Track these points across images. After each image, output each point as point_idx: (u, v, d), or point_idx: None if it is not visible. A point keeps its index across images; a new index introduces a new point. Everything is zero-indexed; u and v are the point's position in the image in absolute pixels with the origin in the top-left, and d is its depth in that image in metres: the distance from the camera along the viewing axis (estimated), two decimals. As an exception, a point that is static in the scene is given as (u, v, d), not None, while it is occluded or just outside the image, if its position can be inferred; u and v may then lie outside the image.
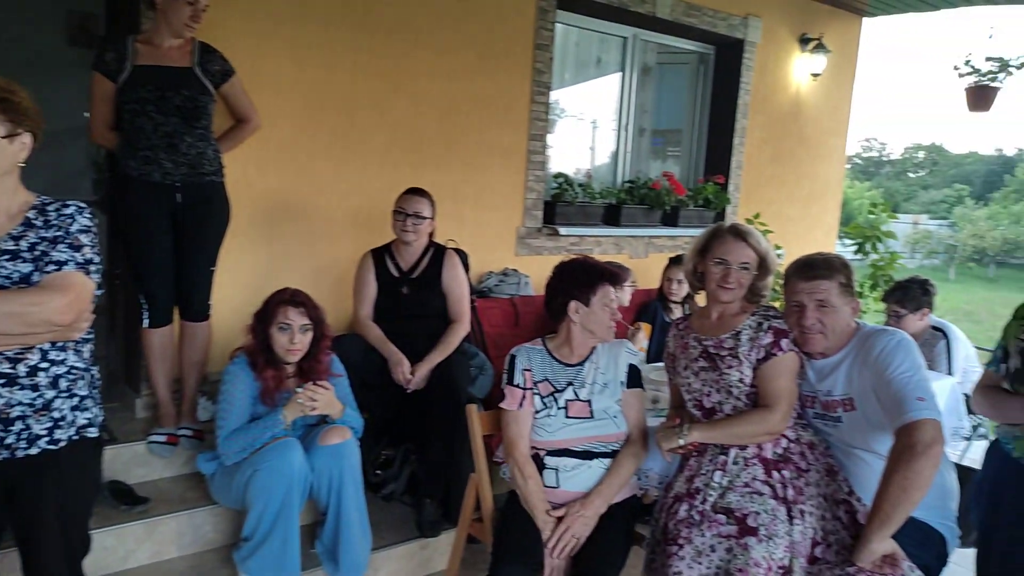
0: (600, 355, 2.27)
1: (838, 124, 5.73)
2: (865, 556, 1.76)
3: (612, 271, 2.28)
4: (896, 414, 1.82)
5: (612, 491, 2.16)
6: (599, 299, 2.20)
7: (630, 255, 4.59)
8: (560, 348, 2.29)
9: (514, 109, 3.99)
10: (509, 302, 3.75)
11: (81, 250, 1.59)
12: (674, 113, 5.31)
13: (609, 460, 2.20)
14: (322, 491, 2.38)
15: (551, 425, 2.19)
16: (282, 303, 2.41)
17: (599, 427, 2.19)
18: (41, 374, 1.57)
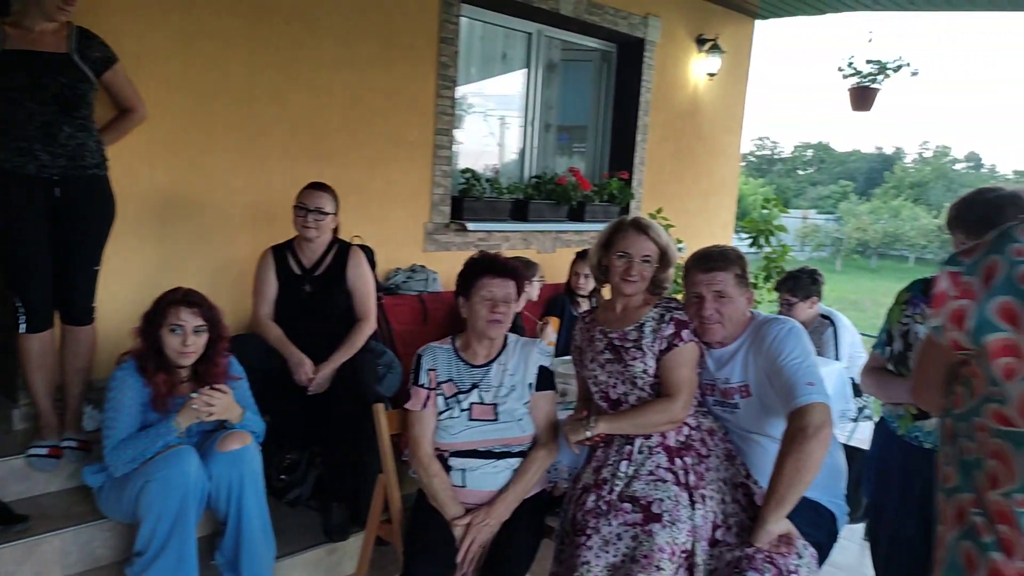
0: (509, 356, 2.25)
1: (733, 122, 5.97)
2: (762, 537, 1.83)
3: (494, 263, 2.22)
4: (788, 399, 1.91)
5: (517, 496, 2.15)
6: (477, 292, 2.18)
7: (538, 250, 4.63)
8: (466, 348, 2.27)
9: (420, 103, 3.94)
10: (417, 299, 3.71)
11: None
12: (579, 109, 5.39)
13: (517, 460, 2.20)
14: (221, 500, 2.28)
15: (453, 427, 2.17)
16: (173, 303, 2.28)
17: (502, 430, 2.18)
18: None
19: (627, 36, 5.00)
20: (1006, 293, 0.80)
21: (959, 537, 0.90)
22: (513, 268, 2.23)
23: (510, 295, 2.18)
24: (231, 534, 2.30)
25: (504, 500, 2.13)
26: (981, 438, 0.87)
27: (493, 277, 2.17)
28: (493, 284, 2.16)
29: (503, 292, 2.17)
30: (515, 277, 2.22)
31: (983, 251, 0.84)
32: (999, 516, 0.84)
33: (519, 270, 2.26)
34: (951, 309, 0.84)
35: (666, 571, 1.82)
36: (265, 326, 2.83)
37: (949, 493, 0.93)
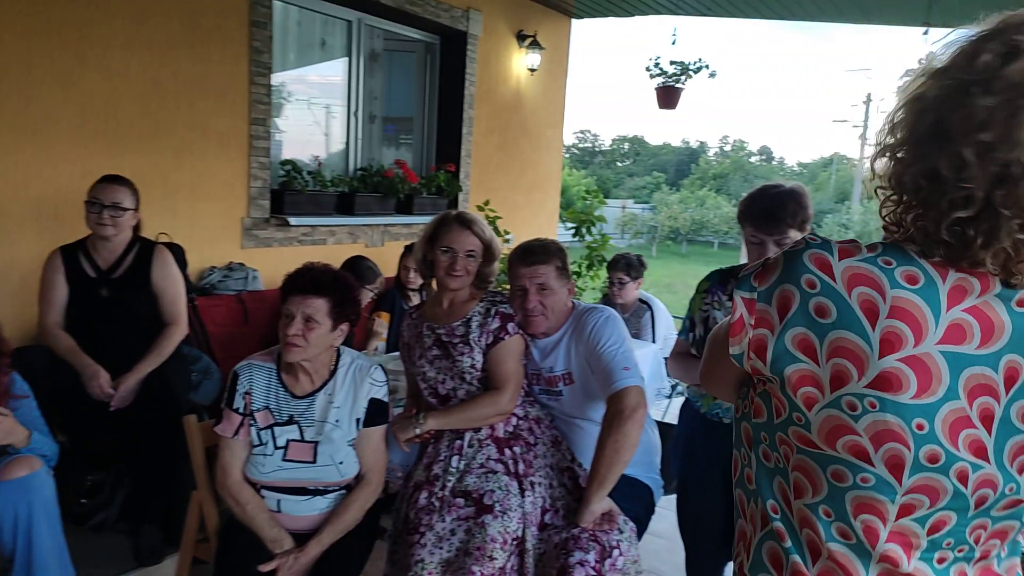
0: (339, 386, 2.00)
1: (554, 116, 6.18)
2: (587, 516, 1.91)
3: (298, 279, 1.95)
4: (606, 383, 2.01)
5: (334, 536, 1.96)
6: (285, 310, 1.93)
7: (366, 244, 4.53)
8: (288, 372, 1.99)
9: (231, 90, 3.70)
10: (236, 299, 3.50)
11: None
12: (404, 101, 5.33)
13: (337, 493, 2.02)
14: (6, 533, 2.01)
15: (264, 465, 1.94)
16: None
17: (319, 473, 1.96)
18: None
19: (450, 28, 5.00)
20: (801, 325, 0.81)
21: (763, 538, 0.92)
22: (324, 283, 1.94)
23: (312, 314, 1.89)
24: (20, 569, 2.03)
25: (319, 541, 1.93)
26: (785, 451, 0.88)
27: (296, 294, 1.91)
28: (291, 301, 1.91)
29: (303, 310, 1.89)
30: (325, 293, 1.92)
31: (776, 278, 0.84)
32: (803, 522, 0.88)
33: (336, 286, 1.97)
34: (751, 338, 0.84)
35: (499, 560, 1.85)
36: (53, 335, 2.53)
37: (750, 494, 0.95)
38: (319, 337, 1.91)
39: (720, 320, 2.05)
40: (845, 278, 0.80)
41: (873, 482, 0.82)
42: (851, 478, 0.83)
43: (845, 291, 0.80)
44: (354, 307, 2.02)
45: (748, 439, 0.95)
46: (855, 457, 0.82)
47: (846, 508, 0.85)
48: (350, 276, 2.07)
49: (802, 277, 0.82)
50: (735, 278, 2.10)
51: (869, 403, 0.79)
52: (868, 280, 0.80)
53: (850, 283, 0.80)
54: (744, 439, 0.96)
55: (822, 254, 0.82)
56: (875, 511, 0.84)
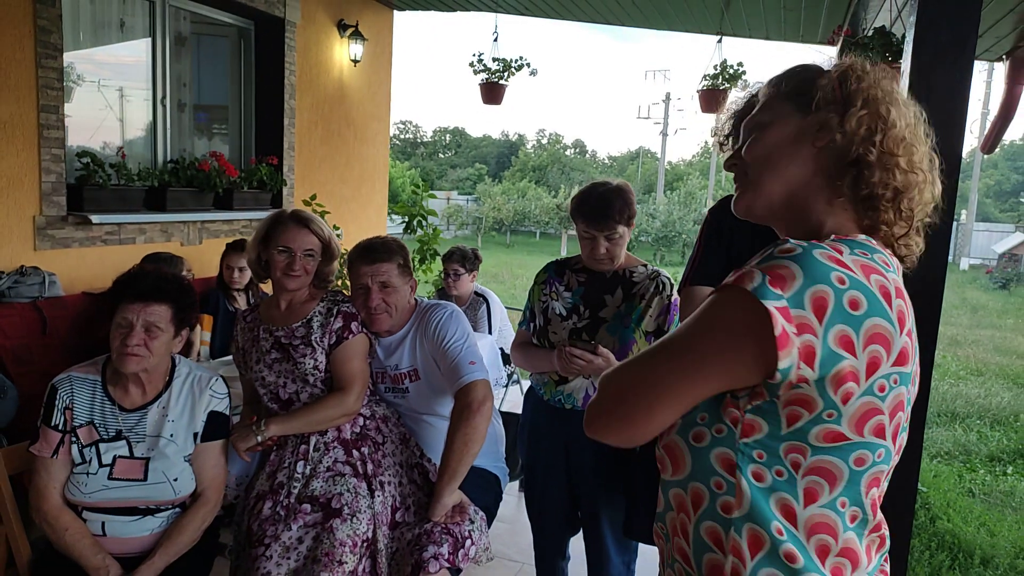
0: (174, 398, 1.89)
1: (379, 108, 6.10)
2: (439, 510, 1.95)
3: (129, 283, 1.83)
4: (453, 379, 2.05)
5: (166, 561, 1.83)
6: (113, 320, 1.81)
7: (181, 242, 4.22)
8: (115, 384, 1.87)
9: (14, 75, 3.29)
10: (31, 306, 3.13)
11: None
12: (218, 88, 5.01)
13: (170, 512, 1.89)
14: None
15: (88, 484, 1.80)
16: None
17: (150, 491, 1.84)
18: None
19: (265, 14, 4.77)
20: (839, 322, 0.82)
21: (761, 565, 0.88)
22: (166, 288, 1.83)
23: (157, 323, 1.79)
24: None
25: (151, 566, 1.80)
26: (795, 459, 0.86)
27: (131, 301, 1.79)
28: (129, 310, 1.78)
29: (144, 319, 1.78)
30: (167, 299, 1.82)
31: (801, 282, 0.82)
32: (814, 529, 0.88)
33: (178, 290, 1.86)
34: (800, 348, 0.81)
35: (348, 564, 1.84)
36: None
37: (730, 524, 0.89)
38: (161, 345, 1.81)
39: (558, 311, 2.17)
40: (859, 268, 0.85)
41: (884, 454, 0.88)
42: (871, 458, 0.87)
43: (865, 280, 0.84)
44: (195, 310, 1.92)
45: (727, 465, 0.89)
46: (876, 436, 0.86)
47: (860, 490, 0.88)
48: (186, 280, 1.93)
49: (831, 275, 0.82)
50: (570, 269, 2.23)
51: (893, 380, 0.85)
52: (873, 268, 0.86)
53: (864, 272, 0.85)
54: (719, 466, 0.89)
55: (830, 251, 0.85)
56: (878, 482, 0.90)
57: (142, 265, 1.90)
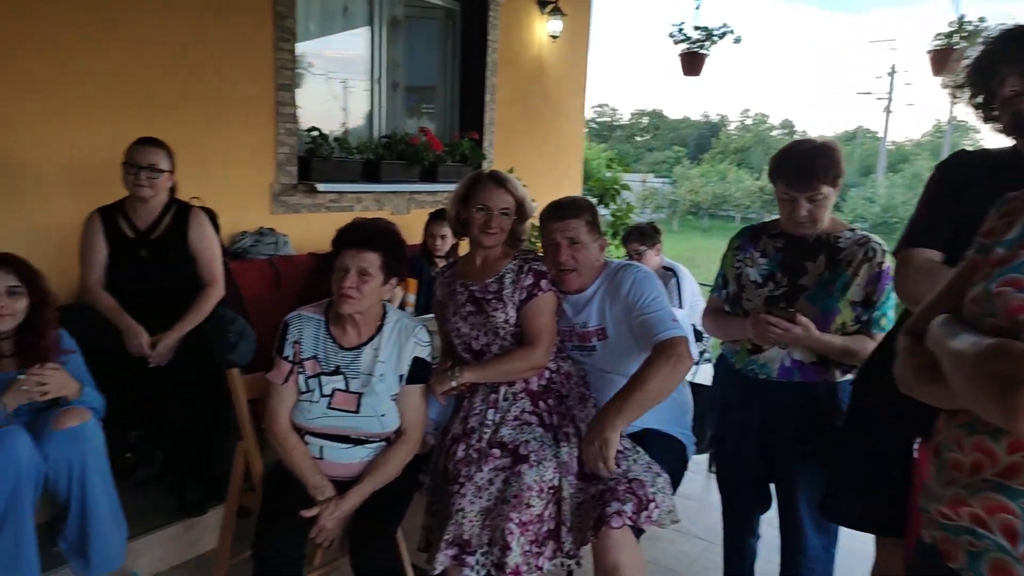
0: (384, 342, 2.06)
1: (576, 85, 6.14)
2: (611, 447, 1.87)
3: (351, 232, 2.01)
4: (651, 333, 2.00)
5: (372, 488, 2.01)
6: (335, 265, 2.00)
7: (392, 211, 4.57)
8: (336, 324, 2.06)
9: (256, 56, 3.72)
10: (268, 263, 3.55)
11: None
12: (427, 69, 5.32)
13: (377, 444, 2.08)
14: (60, 482, 2.08)
15: (310, 411, 2.02)
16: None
17: (361, 423, 2.02)
18: None
19: (471, -6, 4.98)
20: None
21: None
22: (378, 239, 1.99)
23: (366, 268, 1.96)
24: (75, 517, 2.11)
25: (359, 491, 1.99)
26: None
27: (351, 248, 1.97)
28: (346, 255, 1.97)
29: (357, 264, 1.95)
30: (378, 248, 1.97)
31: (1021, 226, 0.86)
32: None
33: (389, 241, 2.02)
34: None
35: (535, 507, 1.90)
36: (95, 295, 2.60)
37: None
38: (372, 290, 1.97)
39: (753, 277, 2.07)
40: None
41: None
42: None
43: None
44: (404, 263, 2.07)
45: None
46: None
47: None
48: (398, 232, 2.09)
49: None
50: (766, 234, 2.12)
51: None
52: None
53: None
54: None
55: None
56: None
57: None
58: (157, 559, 2.46)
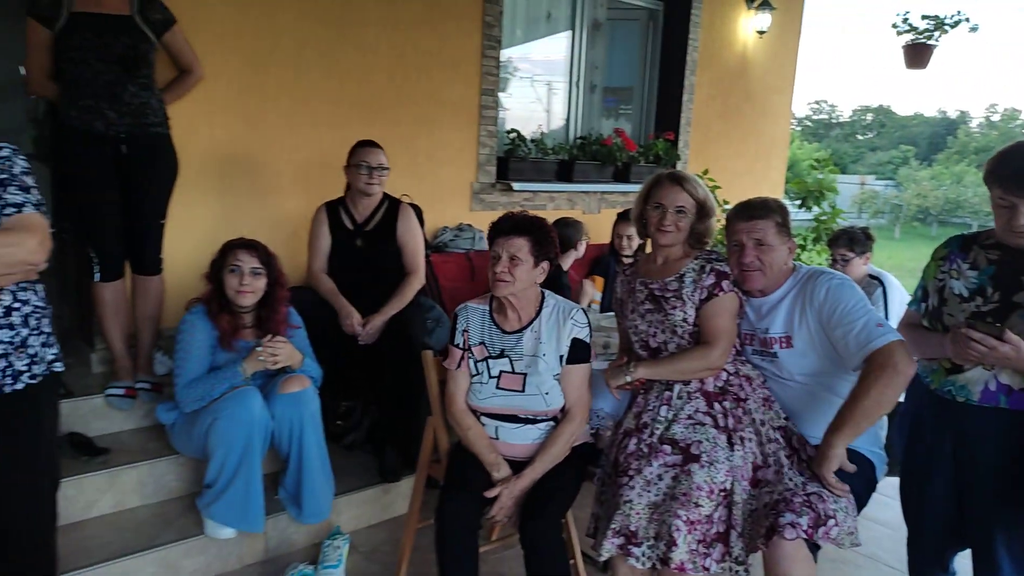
0: (543, 324, 2.19)
1: (783, 82, 5.85)
2: (824, 462, 1.85)
3: (501, 222, 2.15)
4: (863, 343, 1.90)
5: (545, 466, 2.14)
6: (490, 252, 2.16)
7: (583, 210, 4.67)
8: (499, 311, 2.23)
9: (465, 63, 3.99)
10: (464, 256, 3.80)
11: (30, 191, 1.61)
12: (625, 70, 5.36)
13: (546, 424, 2.20)
14: (283, 439, 2.42)
15: (481, 392, 2.19)
16: (233, 246, 2.44)
17: (528, 402, 2.16)
18: (15, 313, 1.59)
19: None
20: None
21: None
22: (524, 225, 2.13)
23: (515, 252, 2.10)
24: (293, 471, 2.45)
25: (532, 471, 2.12)
26: None
27: (500, 236, 2.13)
28: (497, 243, 2.13)
29: (507, 250, 2.10)
30: (525, 233, 2.11)
31: None
32: None
33: (535, 227, 2.15)
34: None
35: (704, 508, 1.89)
36: (318, 279, 2.95)
37: None
38: (523, 273, 2.11)
39: (956, 290, 1.89)
40: None
41: None
42: None
43: None
44: (552, 246, 2.18)
45: None
46: None
47: None
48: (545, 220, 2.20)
49: None
50: (978, 244, 1.93)
51: None
52: None
53: None
54: None
55: None
56: None
57: None
58: (356, 517, 2.75)
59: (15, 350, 1.59)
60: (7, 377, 1.58)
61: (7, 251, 1.51)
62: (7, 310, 1.58)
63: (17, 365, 1.60)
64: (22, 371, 1.60)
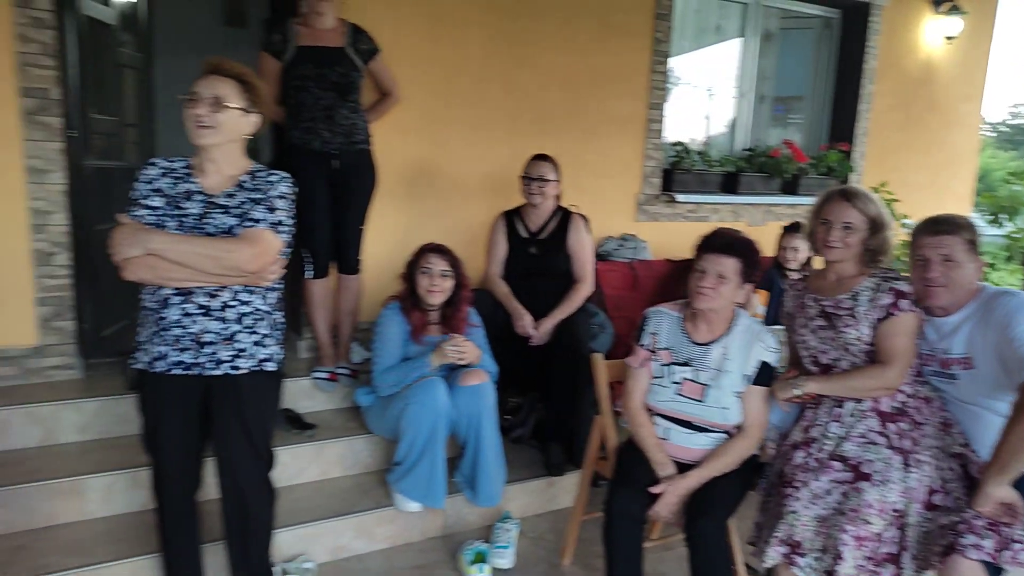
0: (733, 341, 2.22)
1: (973, 89, 5.47)
2: (982, 500, 1.83)
3: (711, 239, 2.21)
4: (1019, 370, 1.87)
5: (711, 472, 2.17)
6: (694, 266, 2.21)
7: (748, 223, 4.64)
8: (691, 320, 2.28)
9: (633, 79, 4.11)
10: (628, 266, 3.91)
11: (275, 212, 1.90)
12: (796, 79, 5.24)
13: (718, 435, 2.24)
14: (462, 427, 2.66)
15: (661, 394, 2.26)
16: (425, 251, 2.73)
17: (705, 412, 2.21)
18: (230, 310, 1.90)
19: (852, 1, 4.78)
20: None
21: None
22: (736, 246, 2.18)
23: (723, 272, 2.15)
24: (469, 456, 2.68)
25: (699, 473, 2.17)
26: None
27: (710, 252, 2.18)
28: (706, 259, 2.18)
29: (715, 268, 2.16)
30: (736, 255, 2.16)
31: None
32: None
33: (746, 249, 2.19)
34: None
35: (874, 526, 1.89)
36: (494, 283, 3.19)
37: None
38: (727, 291, 2.17)
39: None
40: None
41: None
42: None
43: None
44: (759, 270, 2.23)
45: None
46: None
47: None
48: (755, 242, 2.24)
49: None
50: None
51: None
52: None
53: None
54: None
55: None
56: None
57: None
58: (523, 505, 2.95)
59: (222, 341, 1.90)
60: (210, 362, 1.89)
61: (224, 254, 1.81)
62: (223, 306, 1.89)
63: (221, 355, 1.90)
64: (224, 360, 1.90)
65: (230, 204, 1.89)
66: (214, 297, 1.87)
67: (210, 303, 1.87)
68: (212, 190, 1.91)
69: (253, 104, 1.90)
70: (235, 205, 1.89)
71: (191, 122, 1.85)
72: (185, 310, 1.87)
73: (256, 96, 1.91)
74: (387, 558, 2.64)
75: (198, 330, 1.87)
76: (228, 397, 1.93)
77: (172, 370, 1.89)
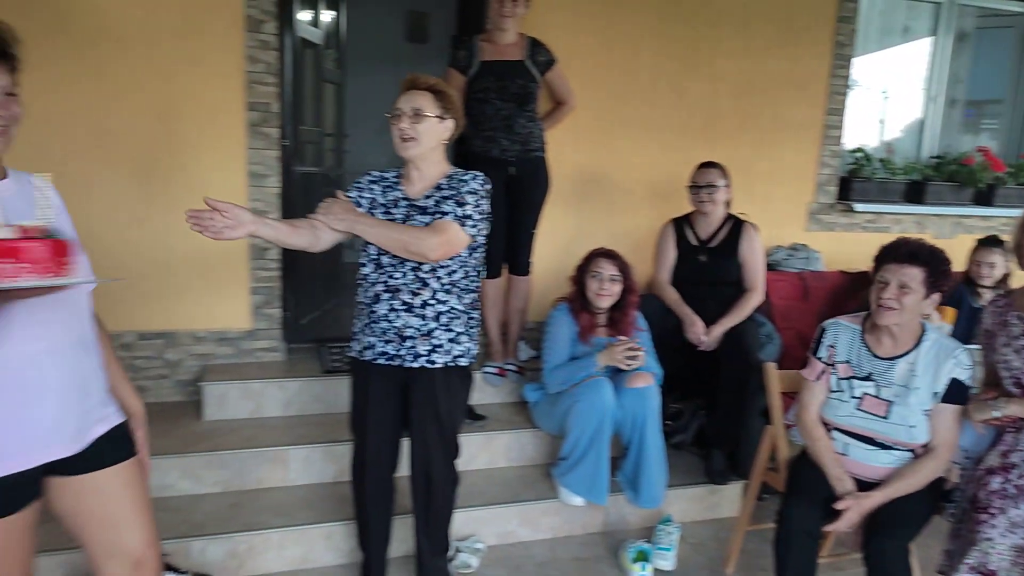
0: (921, 357, 2.11)
1: None
2: None
3: (897, 248, 2.09)
4: None
5: (896, 492, 2.07)
6: (875, 276, 2.10)
7: (934, 235, 4.33)
8: (872, 333, 2.18)
9: (811, 84, 3.98)
10: (798, 276, 3.79)
11: (463, 207, 2.05)
12: (991, 82, 4.83)
13: (902, 453, 2.13)
14: (626, 427, 2.72)
15: (840, 409, 2.18)
16: (596, 255, 2.82)
17: (889, 430, 2.11)
18: (428, 308, 2.07)
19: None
20: None
21: None
22: (921, 254, 2.06)
23: (907, 282, 2.04)
24: (632, 457, 2.73)
25: (883, 492, 2.07)
26: None
27: (892, 262, 2.08)
28: (888, 269, 2.08)
29: (898, 278, 2.05)
30: (921, 264, 2.05)
31: None
32: None
33: (933, 257, 2.07)
34: None
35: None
36: (663, 289, 3.21)
37: None
38: (912, 303, 2.07)
39: None
40: None
41: None
42: None
43: None
44: (948, 279, 2.10)
45: None
46: None
47: None
48: (942, 251, 2.12)
49: None
50: None
51: None
52: None
53: None
54: None
55: None
56: None
57: None
58: (682, 510, 2.95)
59: (420, 336, 2.06)
60: (409, 355, 2.07)
61: (412, 240, 1.97)
62: (423, 304, 2.06)
63: (419, 349, 2.06)
64: (422, 354, 2.07)
65: (428, 205, 2.07)
66: (416, 295, 2.05)
67: (412, 300, 2.06)
68: (415, 195, 2.10)
69: (446, 111, 2.07)
70: (432, 205, 2.07)
71: (396, 136, 2.05)
72: (392, 306, 2.07)
73: (449, 103, 2.08)
74: (550, 548, 2.75)
75: (401, 324, 2.06)
76: (424, 388, 2.11)
77: (378, 359, 2.11)
